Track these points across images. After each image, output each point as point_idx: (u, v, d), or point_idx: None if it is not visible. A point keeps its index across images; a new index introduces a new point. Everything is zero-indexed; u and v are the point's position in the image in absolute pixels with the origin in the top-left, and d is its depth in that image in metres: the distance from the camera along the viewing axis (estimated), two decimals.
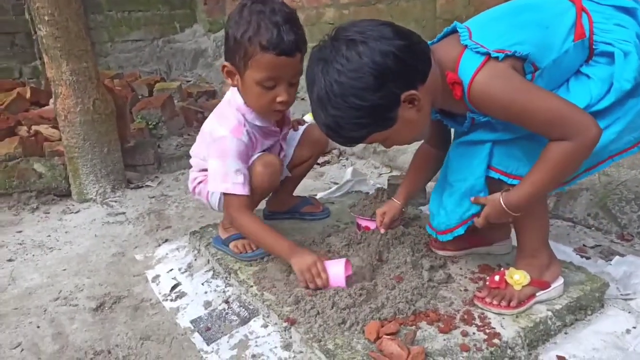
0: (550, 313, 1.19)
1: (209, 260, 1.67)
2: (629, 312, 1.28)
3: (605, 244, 1.68)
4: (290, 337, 1.23)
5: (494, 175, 1.16)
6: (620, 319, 1.25)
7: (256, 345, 1.26)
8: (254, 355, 1.23)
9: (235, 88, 1.45)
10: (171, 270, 1.69)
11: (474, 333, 1.13)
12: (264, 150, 1.56)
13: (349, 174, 2.29)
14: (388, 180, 2.12)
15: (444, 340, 1.12)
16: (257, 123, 1.47)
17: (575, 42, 1.05)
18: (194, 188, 1.65)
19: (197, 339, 1.33)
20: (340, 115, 1.03)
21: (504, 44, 1.02)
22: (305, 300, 1.29)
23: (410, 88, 1.03)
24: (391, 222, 1.51)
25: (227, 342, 1.30)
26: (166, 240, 1.94)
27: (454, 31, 1.14)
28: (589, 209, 1.82)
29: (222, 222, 1.66)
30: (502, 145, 1.14)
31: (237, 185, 1.41)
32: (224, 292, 1.52)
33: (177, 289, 1.58)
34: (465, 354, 1.07)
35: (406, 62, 1.01)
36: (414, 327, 1.14)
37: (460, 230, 1.26)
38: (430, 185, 2.19)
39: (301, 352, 1.19)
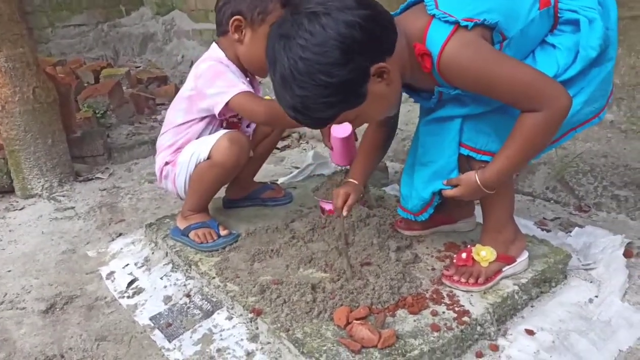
0: (516, 287, 1.20)
1: (167, 253, 1.59)
2: (591, 282, 1.31)
3: (564, 216, 1.71)
4: (257, 328, 1.18)
5: (464, 151, 1.14)
6: (583, 289, 1.28)
7: (221, 339, 1.20)
8: (219, 350, 1.17)
9: (214, 46, 1.50)
10: (127, 265, 1.60)
11: (443, 312, 1.12)
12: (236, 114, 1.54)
13: (310, 157, 2.25)
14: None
15: (414, 321, 1.10)
16: (236, 74, 1.47)
17: (540, 11, 1.04)
18: (161, 172, 1.57)
19: (157, 337, 1.26)
20: (307, 95, 0.95)
21: (472, 12, 0.98)
22: (270, 289, 1.24)
23: (379, 60, 0.97)
24: (354, 204, 1.38)
25: (190, 337, 1.23)
26: (120, 235, 1.84)
27: (418, 2, 1.09)
28: (547, 183, 1.84)
29: (182, 210, 1.59)
30: (472, 120, 1.11)
31: (248, 87, 1.41)
32: (184, 285, 1.44)
33: (134, 285, 1.50)
34: (436, 333, 1.05)
35: (373, 32, 0.94)
36: (387, 312, 1.12)
37: (435, 202, 1.24)
38: (391, 166, 2.18)
39: (269, 342, 1.14)
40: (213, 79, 1.42)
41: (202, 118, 1.50)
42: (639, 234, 1.56)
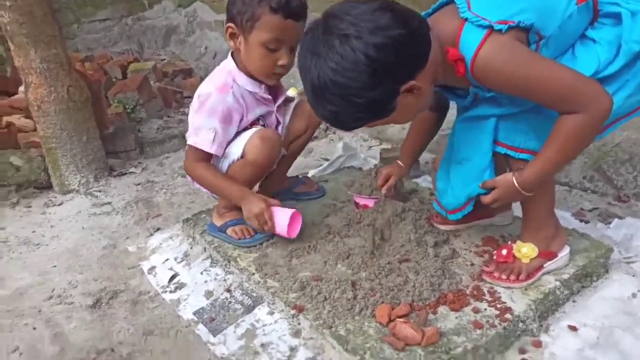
0: (558, 283, 1.19)
1: (205, 248, 1.63)
2: (633, 276, 1.29)
3: (602, 207, 1.69)
4: (299, 324, 1.21)
5: (500, 150, 1.13)
6: (625, 283, 1.26)
7: (264, 334, 1.23)
8: (263, 345, 1.20)
9: (230, 54, 1.46)
10: (167, 260, 1.64)
11: (485, 309, 1.13)
12: (258, 120, 1.55)
13: (340, 149, 2.25)
14: (380, 154, 2.09)
15: (456, 318, 1.11)
16: (248, 88, 1.47)
17: (579, 5, 1.01)
18: None
19: (202, 331, 1.30)
20: (338, 110, 0.99)
21: (506, 13, 0.96)
22: (310, 285, 1.26)
23: (410, 79, 0.97)
24: (395, 185, 1.50)
25: (234, 332, 1.27)
26: (158, 229, 1.88)
27: (450, 1, 1.08)
28: (584, 172, 1.82)
29: (217, 208, 1.62)
30: (508, 119, 1.10)
31: (205, 142, 1.43)
32: (224, 280, 1.48)
33: (175, 280, 1.54)
34: (479, 331, 1.06)
35: (405, 53, 0.94)
36: (429, 309, 1.13)
37: (469, 207, 1.25)
38: (424, 157, 2.17)
39: (311, 338, 1.17)
40: (196, 111, 1.44)
41: None
42: None
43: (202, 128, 1.43)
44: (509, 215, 1.46)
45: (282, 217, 1.41)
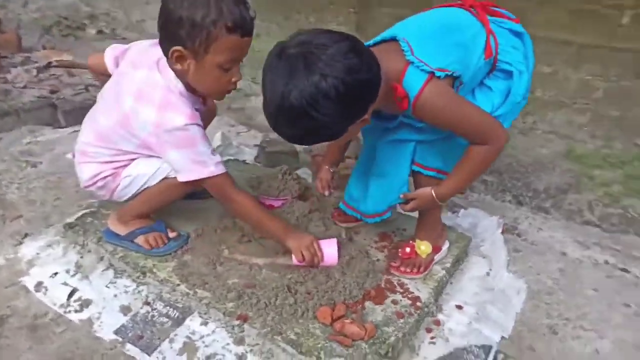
0: (444, 271, 1.51)
1: (102, 258, 1.51)
2: (484, 257, 1.70)
3: None
4: (242, 331, 1.27)
5: (415, 168, 1.38)
6: (481, 265, 1.65)
7: (205, 346, 1.26)
8: (208, 357, 1.24)
9: (169, 74, 1.33)
10: (56, 274, 1.48)
11: (400, 300, 1.37)
12: None
13: (218, 139, 2.25)
14: (263, 147, 2.16)
15: (382, 311, 1.32)
16: (196, 106, 1.40)
17: (485, 60, 1.28)
18: (95, 182, 1.46)
19: (133, 351, 1.25)
20: (300, 135, 1.15)
21: (443, 62, 1.18)
22: (246, 293, 1.33)
23: (365, 113, 1.16)
24: (329, 184, 1.64)
25: (171, 347, 1.26)
26: (26, 235, 1.65)
27: (392, 38, 1.24)
28: None
29: (120, 215, 1.51)
30: (425, 144, 1.35)
31: (219, 165, 1.38)
32: (138, 292, 1.42)
33: (76, 297, 1.41)
34: (402, 320, 1.30)
35: (368, 93, 1.13)
36: (359, 306, 1.32)
37: (388, 214, 1.47)
38: (301, 149, 2.32)
39: (257, 344, 1.25)
40: (182, 147, 1.33)
41: None
42: (502, 212, 2.03)
43: (204, 157, 1.35)
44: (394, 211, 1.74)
45: (329, 247, 1.43)
